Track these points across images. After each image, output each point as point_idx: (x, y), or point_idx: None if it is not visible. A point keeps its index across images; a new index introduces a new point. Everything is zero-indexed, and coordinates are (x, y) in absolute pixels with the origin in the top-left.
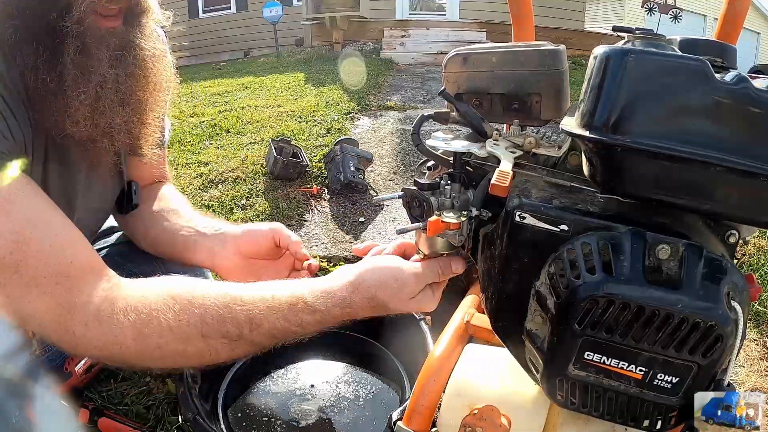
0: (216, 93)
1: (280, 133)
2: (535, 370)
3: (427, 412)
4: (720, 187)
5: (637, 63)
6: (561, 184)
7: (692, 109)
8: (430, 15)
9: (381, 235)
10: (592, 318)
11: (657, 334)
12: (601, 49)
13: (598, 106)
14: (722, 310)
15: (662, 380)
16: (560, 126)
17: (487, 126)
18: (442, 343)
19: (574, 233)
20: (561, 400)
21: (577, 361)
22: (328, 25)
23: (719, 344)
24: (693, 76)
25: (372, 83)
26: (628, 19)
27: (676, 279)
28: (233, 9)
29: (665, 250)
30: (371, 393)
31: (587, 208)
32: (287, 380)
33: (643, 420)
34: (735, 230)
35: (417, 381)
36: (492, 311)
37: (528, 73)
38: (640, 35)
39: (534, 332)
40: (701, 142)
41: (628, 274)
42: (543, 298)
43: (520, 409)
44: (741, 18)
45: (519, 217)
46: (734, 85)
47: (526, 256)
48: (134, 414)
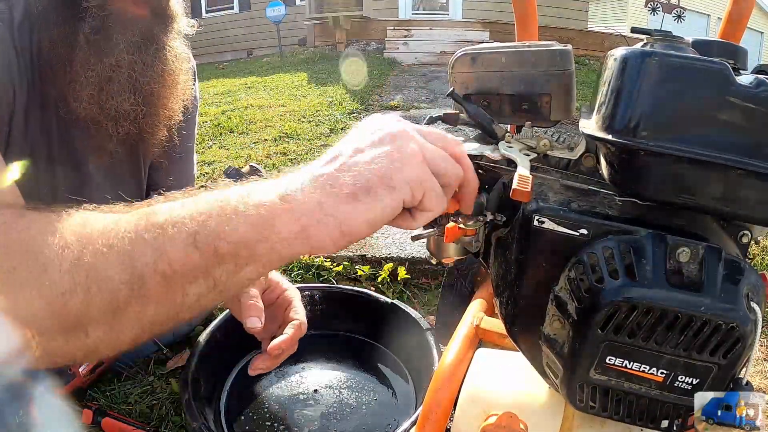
0: (219, 93)
1: (283, 132)
2: (554, 376)
3: (440, 420)
4: (740, 190)
5: (657, 65)
6: (577, 187)
7: (713, 112)
8: (433, 14)
9: (385, 236)
10: (615, 322)
11: (679, 336)
12: (621, 51)
13: (619, 109)
14: (743, 311)
15: (683, 382)
16: (580, 128)
17: (497, 127)
18: (453, 348)
19: (594, 237)
20: (581, 405)
21: (599, 366)
22: (331, 25)
23: (739, 344)
24: (714, 78)
25: (375, 83)
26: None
27: (697, 281)
28: (236, 9)
29: (686, 253)
30: (374, 400)
31: (606, 212)
32: (291, 384)
33: (661, 421)
34: (747, 231)
35: (429, 388)
36: (508, 316)
37: (538, 74)
38: (659, 37)
39: (552, 337)
40: (721, 145)
41: (650, 277)
42: (563, 303)
43: (536, 414)
44: (745, 18)
45: (537, 221)
46: (754, 89)
47: (544, 260)
48: (137, 414)
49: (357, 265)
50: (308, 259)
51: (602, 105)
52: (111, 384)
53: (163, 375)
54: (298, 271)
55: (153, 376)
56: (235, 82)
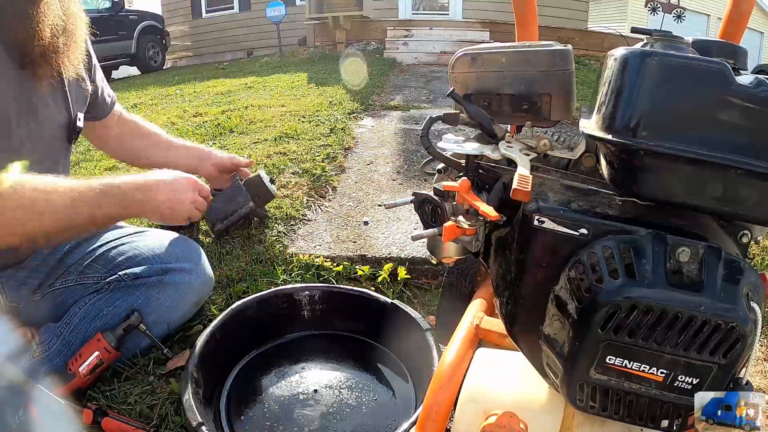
0: (219, 93)
1: (283, 132)
2: (554, 375)
3: (440, 419)
4: (740, 190)
5: (657, 65)
6: (577, 187)
7: (712, 112)
8: (433, 14)
9: (385, 236)
10: (615, 322)
11: (679, 336)
12: (621, 51)
13: (619, 109)
14: (742, 311)
15: (683, 381)
16: (580, 128)
17: (497, 127)
18: (453, 348)
19: (594, 237)
20: (581, 405)
21: (599, 366)
22: (331, 25)
23: (739, 344)
24: (713, 78)
25: (375, 83)
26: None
27: (697, 281)
28: (236, 9)
29: (685, 253)
30: (374, 400)
31: (606, 212)
32: (291, 384)
33: (661, 421)
34: (747, 230)
35: (429, 387)
36: (508, 316)
37: (538, 74)
38: (659, 37)
39: (552, 337)
40: (721, 145)
41: (650, 277)
42: (563, 302)
43: (536, 413)
44: (745, 18)
45: (538, 221)
46: (754, 89)
47: (544, 260)
48: (137, 414)
49: (357, 265)
50: (308, 258)
51: (602, 105)
52: (111, 384)
53: (163, 375)
54: (298, 271)
55: (153, 376)
56: (235, 82)
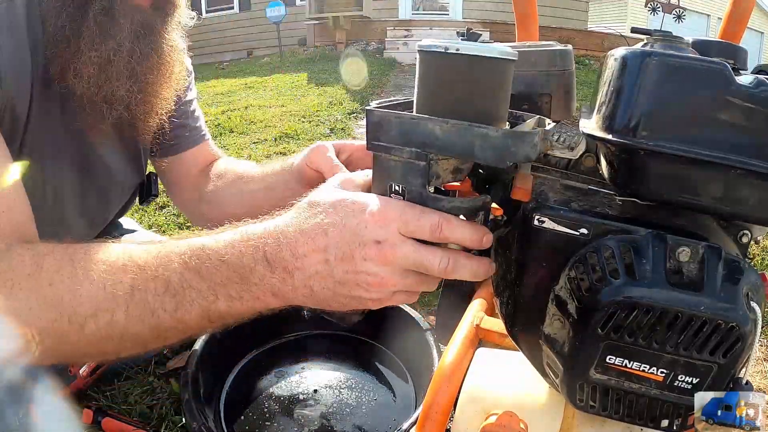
0: (219, 93)
1: (283, 132)
2: (554, 375)
3: (440, 419)
4: (740, 190)
5: (657, 65)
6: (577, 186)
7: (713, 112)
8: (433, 14)
9: None
10: (615, 322)
11: (679, 336)
12: (621, 51)
13: (619, 109)
14: (743, 311)
15: (683, 381)
16: (580, 128)
17: None
18: (453, 348)
19: (594, 236)
20: (581, 404)
21: (599, 365)
22: (331, 25)
23: (739, 344)
24: (713, 78)
25: (375, 83)
26: (630, 18)
27: (698, 281)
28: (236, 9)
29: (686, 252)
30: (374, 400)
31: (606, 212)
32: (291, 384)
33: (661, 421)
34: (747, 230)
35: (429, 387)
36: (508, 316)
37: (539, 74)
38: (659, 37)
39: (552, 337)
40: (721, 145)
41: (651, 277)
42: (563, 302)
43: (536, 413)
44: (745, 18)
45: (538, 221)
46: (754, 89)
47: (544, 260)
48: (137, 414)
49: None
50: None
51: (602, 105)
52: (111, 384)
53: (163, 375)
54: None
55: (153, 376)
56: (235, 82)
